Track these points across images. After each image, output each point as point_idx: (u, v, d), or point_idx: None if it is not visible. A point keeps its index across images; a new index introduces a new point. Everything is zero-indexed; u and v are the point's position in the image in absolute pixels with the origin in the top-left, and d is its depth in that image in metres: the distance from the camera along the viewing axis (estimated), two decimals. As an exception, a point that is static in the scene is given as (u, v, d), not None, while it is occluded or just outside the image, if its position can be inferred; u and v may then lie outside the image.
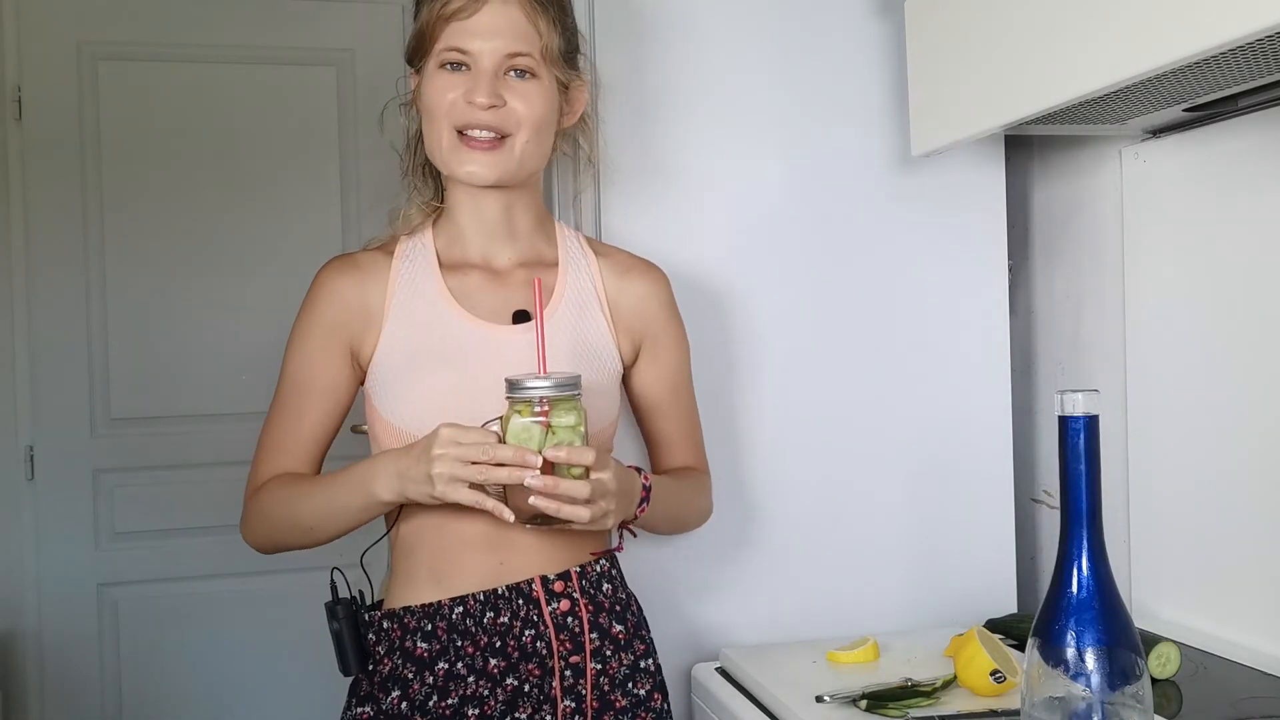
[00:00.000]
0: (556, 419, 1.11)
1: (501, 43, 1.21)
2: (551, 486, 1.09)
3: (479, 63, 1.22)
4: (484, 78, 1.22)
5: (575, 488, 1.10)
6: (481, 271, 1.31)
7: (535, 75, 1.24)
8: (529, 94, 1.23)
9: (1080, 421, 0.86)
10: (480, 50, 1.22)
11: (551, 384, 1.11)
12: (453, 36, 1.22)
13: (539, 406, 1.11)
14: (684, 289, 1.45)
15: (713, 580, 1.61)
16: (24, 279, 2.64)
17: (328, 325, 1.27)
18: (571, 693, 1.24)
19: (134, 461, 2.71)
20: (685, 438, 1.41)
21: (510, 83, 1.23)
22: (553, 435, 1.11)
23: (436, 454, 1.10)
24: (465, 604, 1.23)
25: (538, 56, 1.23)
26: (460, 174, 1.25)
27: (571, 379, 1.13)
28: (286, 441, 1.28)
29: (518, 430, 1.11)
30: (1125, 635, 0.86)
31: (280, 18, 2.77)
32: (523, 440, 1.10)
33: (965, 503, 1.69)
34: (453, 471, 1.10)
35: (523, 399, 1.11)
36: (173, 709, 2.71)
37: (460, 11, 1.21)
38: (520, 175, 1.27)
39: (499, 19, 1.21)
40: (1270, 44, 1.04)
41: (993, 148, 1.69)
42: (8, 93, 2.63)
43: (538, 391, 1.11)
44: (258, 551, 1.31)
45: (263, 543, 1.30)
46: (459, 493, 1.11)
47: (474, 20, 1.21)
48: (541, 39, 1.23)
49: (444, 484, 1.10)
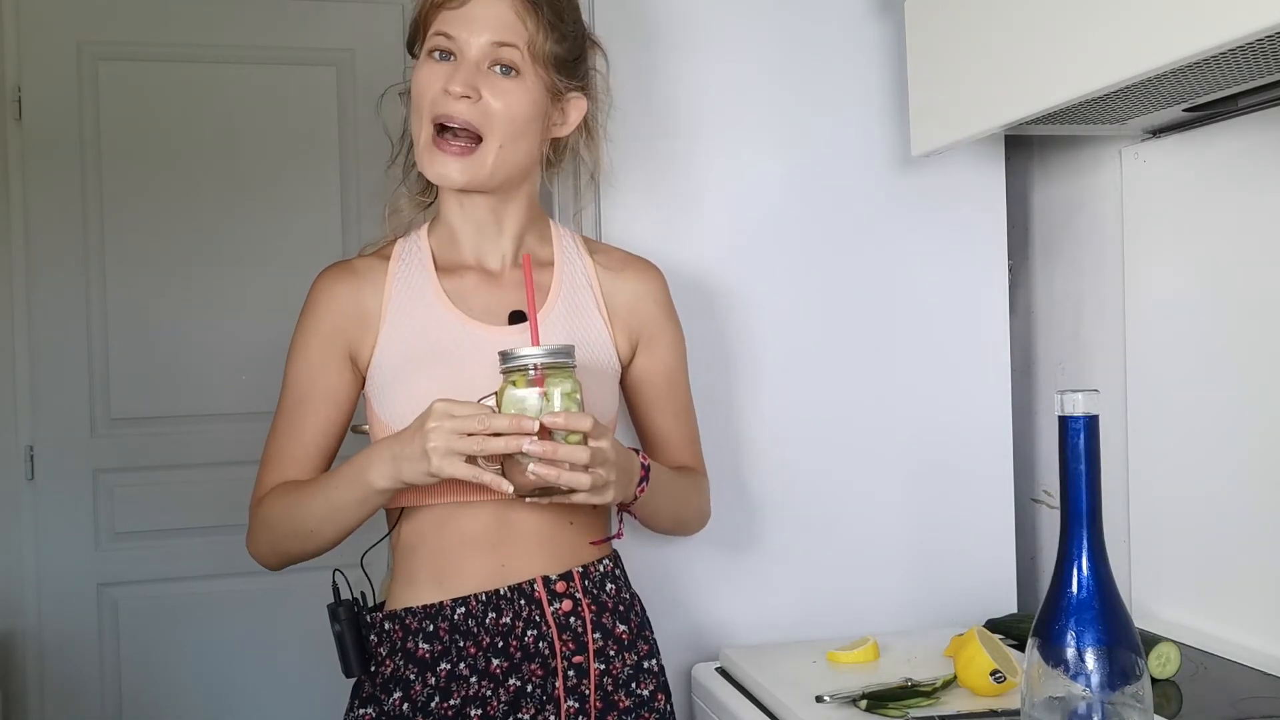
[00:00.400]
0: (551, 387, 1.10)
1: (488, 33, 1.22)
2: (550, 451, 1.08)
3: (464, 52, 1.22)
4: (465, 67, 1.22)
5: (574, 452, 1.09)
6: (476, 273, 1.31)
7: (519, 72, 1.23)
8: (509, 92, 1.23)
9: (1080, 421, 0.86)
10: (467, 39, 1.22)
11: (544, 352, 1.11)
12: (442, 23, 1.23)
13: (533, 374, 1.10)
14: (684, 289, 1.45)
15: (713, 580, 1.61)
16: (24, 279, 2.64)
17: (326, 332, 1.27)
18: (575, 693, 1.24)
19: (134, 461, 2.71)
20: (682, 437, 1.41)
21: (493, 78, 1.23)
22: (548, 403, 1.10)
23: (431, 427, 1.09)
24: (467, 604, 1.23)
25: (524, 52, 1.23)
26: (431, 175, 1.25)
27: (565, 347, 1.12)
28: (290, 451, 1.27)
29: (513, 400, 1.10)
30: (1125, 635, 0.86)
31: (280, 18, 2.77)
32: (518, 410, 1.09)
33: (965, 503, 1.69)
34: (448, 444, 1.08)
35: (517, 368, 1.10)
36: (173, 709, 2.71)
37: (451, 1, 1.23)
38: (495, 181, 1.26)
39: (488, 10, 1.22)
40: (1270, 44, 1.04)
41: (993, 148, 1.69)
42: (8, 93, 2.63)
43: (531, 359, 1.10)
44: (264, 566, 1.29)
45: (267, 554, 1.28)
46: (455, 467, 1.09)
47: (464, 9, 1.22)
48: (528, 34, 1.23)
49: (439, 458, 1.08)
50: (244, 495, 1.31)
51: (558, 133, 1.32)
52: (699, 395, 1.44)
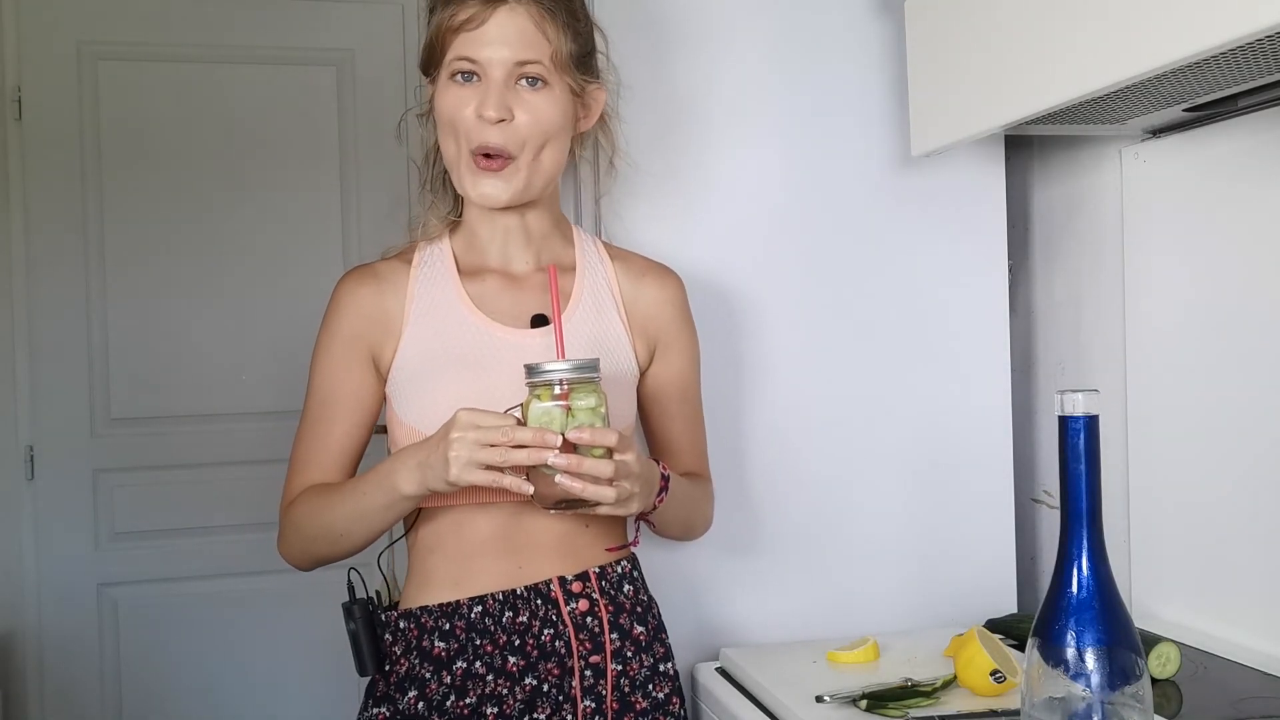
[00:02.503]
0: (576, 401, 1.10)
1: (510, 51, 1.20)
2: (575, 465, 1.08)
3: (489, 73, 1.21)
4: (494, 89, 1.20)
5: (599, 466, 1.09)
6: (499, 276, 1.31)
7: (547, 83, 1.22)
8: (539, 105, 1.22)
9: (1080, 421, 0.86)
10: (490, 60, 1.20)
11: (570, 366, 1.11)
12: (462, 47, 1.21)
13: (558, 389, 1.10)
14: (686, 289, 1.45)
15: (713, 580, 1.61)
16: (24, 279, 2.64)
17: (349, 336, 1.27)
18: (591, 693, 1.24)
19: (134, 461, 2.71)
20: (691, 444, 1.41)
21: (521, 93, 1.22)
22: (573, 418, 1.10)
23: (454, 437, 1.09)
24: (484, 603, 1.23)
25: (548, 64, 1.21)
26: (474, 197, 1.25)
27: (590, 362, 1.12)
28: (316, 455, 1.27)
29: (538, 414, 1.10)
30: (1125, 635, 0.86)
31: (280, 18, 2.78)
32: (543, 424, 1.09)
33: (965, 503, 1.69)
34: (470, 455, 1.08)
35: (542, 383, 1.11)
36: (172, 709, 2.71)
37: (468, 22, 1.20)
38: (533, 192, 1.26)
39: (507, 28, 1.20)
40: (1270, 44, 1.04)
41: (993, 148, 1.69)
42: (8, 93, 2.63)
43: (557, 374, 1.10)
44: (296, 568, 1.30)
45: (298, 556, 1.28)
46: (475, 474, 1.09)
47: (482, 30, 1.20)
48: (551, 45, 1.21)
49: (459, 467, 1.09)
50: (245, 495, 1.31)
51: (583, 127, 1.32)
52: (702, 395, 1.44)
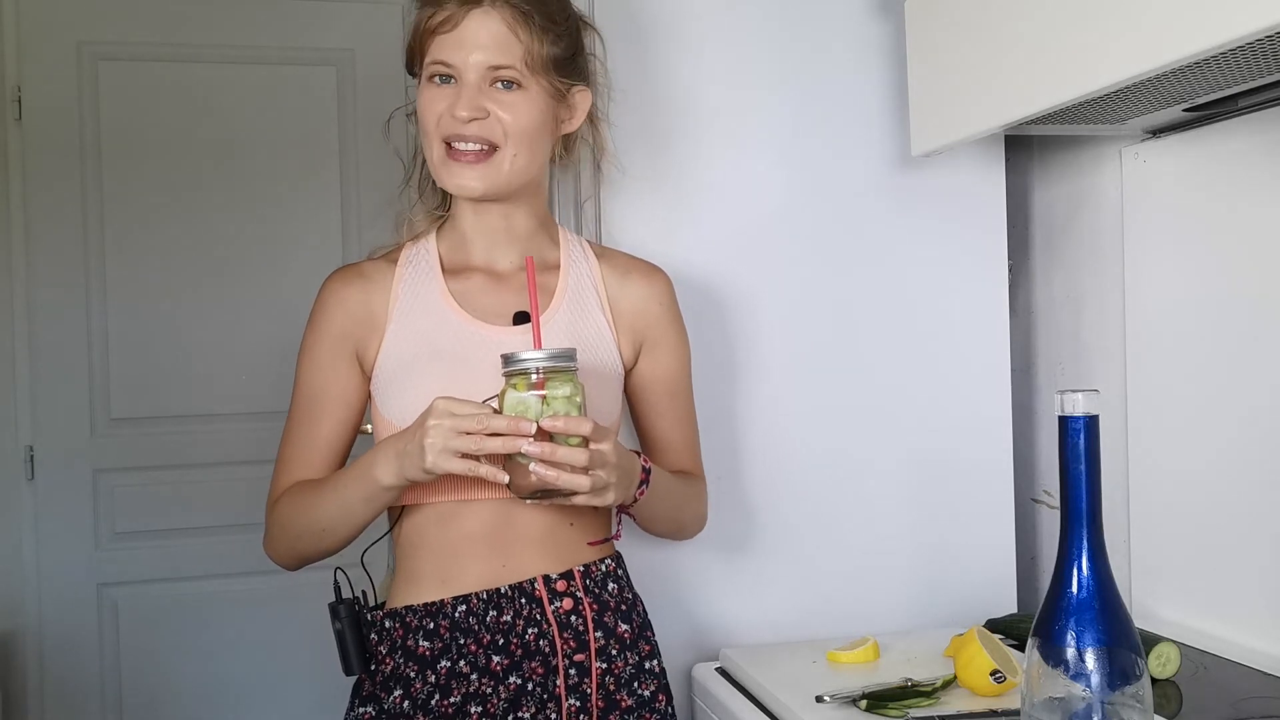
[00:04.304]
0: (552, 391, 1.11)
1: (483, 55, 1.22)
2: (549, 453, 1.09)
3: (463, 75, 1.23)
4: (467, 91, 1.22)
5: (573, 454, 1.10)
6: (483, 274, 1.32)
7: (521, 86, 1.24)
8: (515, 105, 1.24)
9: (1080, 421, 0.86)
10: (464, 63, 1.22)
11: (545, 355, 1.12)
12: (438, 50, 1.23)
13: (534, 378, 1.11)
14: (684, 291, 1.45)
15: (713, 580, 1.61)
16: (24, 279, 2.64)
17: (335, 335, 1.28)
18: (576, 691, 1.24)
19: (134, 461, 2.71)
20: (682, 442, 1.41)
21: (496, 94, 1.23)
22: (548, 407, 1.11)
23: (431, 425, 1.10)
24: (468, 602, 1.23)
25: (521, 67, 1.23)
26: (450, 187, 1.27)
27: (566, 351, 1.13)
28: (302, 453, 1.28)
29: (514, 403, 1.11)
30: (1125, 635, 0.86)
31: (280, 18, 2.77)
32: (518, 413, 1.10)
33: (965, 503, 1.69)
34: (445, 442, 1.09)
35: (518, 372, 1.12)
36: (172, 709, 2.71)
37: (444, 24, 1.22)
38: (512, 187, 1.27)
39: (480, 32, 1.22)
40: (1270, 44, 1.04)
41: (993, 148, 1.69)
42: (8, 93, 2.63)
43: (532, 363, 1.11)
44: (282, 567, 1.31)
45: (284, 554, 1.29)
46: (450, 462, 1.10)
47: (456, 33, 1.22)
48: (524, 48, 1.23)
49: (435, 454, 1.10)
50: (244, 495, 1.32)
51: (567, 129, 1.33)
52: (700, 396, 1.44)
